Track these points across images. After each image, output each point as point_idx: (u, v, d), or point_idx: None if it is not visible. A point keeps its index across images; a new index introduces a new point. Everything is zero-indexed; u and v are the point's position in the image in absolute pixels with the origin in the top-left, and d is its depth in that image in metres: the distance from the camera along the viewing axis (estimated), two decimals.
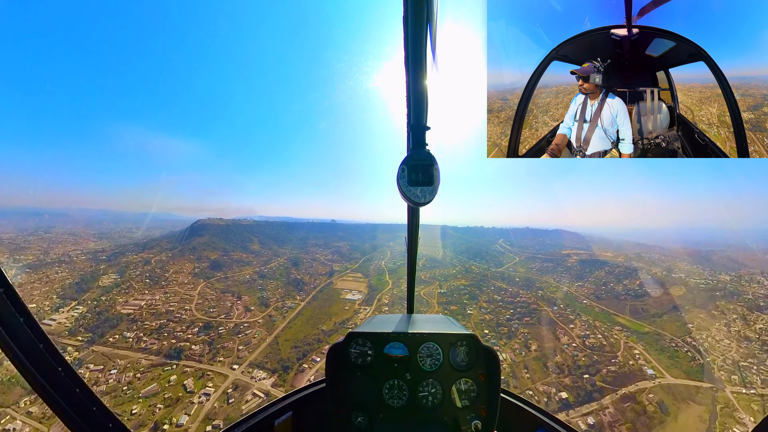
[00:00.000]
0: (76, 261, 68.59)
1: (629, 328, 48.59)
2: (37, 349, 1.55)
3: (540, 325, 49.06)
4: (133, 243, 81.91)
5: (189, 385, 35.32)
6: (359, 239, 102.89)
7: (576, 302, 57.95)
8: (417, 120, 1.71)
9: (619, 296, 59.79)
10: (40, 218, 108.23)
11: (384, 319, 3.31)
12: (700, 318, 50.73)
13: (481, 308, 57.03)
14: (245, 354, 42.01)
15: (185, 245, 77.56)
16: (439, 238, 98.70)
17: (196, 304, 53.02)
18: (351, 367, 2.55)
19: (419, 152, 1.84)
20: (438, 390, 2.46)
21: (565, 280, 69.48)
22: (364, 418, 2.44)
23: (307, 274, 71.93)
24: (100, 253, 73.86)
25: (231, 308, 52.91)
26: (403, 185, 1.84)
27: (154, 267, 67.22)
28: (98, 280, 61.37)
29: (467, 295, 62.52)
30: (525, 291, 63.13)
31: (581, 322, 50.10)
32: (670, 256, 78.29)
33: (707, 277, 62.68)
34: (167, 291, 57.45)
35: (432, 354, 2.52)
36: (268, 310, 54.85)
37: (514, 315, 53.20)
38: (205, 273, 66.25)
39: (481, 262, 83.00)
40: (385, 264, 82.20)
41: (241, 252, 79.83)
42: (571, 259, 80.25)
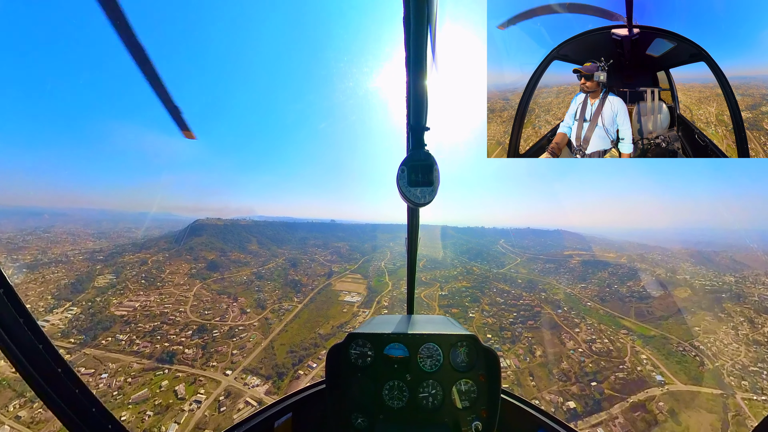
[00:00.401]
0: (73, 261, 67.96)
1: (635, 331, 47.40)
2: (37, 349, 1.54)
3: (544, 328, 47.54)
4: (131, 243, 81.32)
5: (180, 391, 34.14)
6: (359, 240, 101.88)
7: (580, 304, 56.72)
8: (417, 121, 1.72)
9: (624, 298, 58.75)
10: (40, 218, 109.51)
11: (384, 319, 3.30)
12: (706, 321, 49.90)
13: (483, 311, 55.36)
14: (239, 359, 40.77)
15: (183, 245, 77.20)
16: (440, 239, 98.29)
17: (191, 305, 51.78)
18: (351, 368, 2.55)
19: (419, 153, 1.85)
20: (438, 391, 2.45)
21: (568, 282, 68.52)
22: (364, 420, 2.43)
23: (306, 275, 70.50)
24: (97, 253, 73.26)
25: (226, 310, 51.59)
26: (402, 186, 1.85)
27: (151, 267, 66.55)
28: (94, 281, 61.23)
29: (469, 297, 61.00)
30: (528, 293, 61.66)
31: (586, 326, 48.65)
32: (672, 256, 77.92)
33: (712, 279, 61.60)
34: (162, 292, 56.47)
35: (432, 355, 2.51)
36: (265, 312, 53.39)
37: (517, 318, 51.46)
38: (202, 274, 65.21)
39: (483, 263, 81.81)
40: (384, 265, 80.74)
41: (239, 252, 78.83)
42: (574, 260, 79.81)
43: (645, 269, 71.58)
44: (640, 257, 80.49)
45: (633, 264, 73.08)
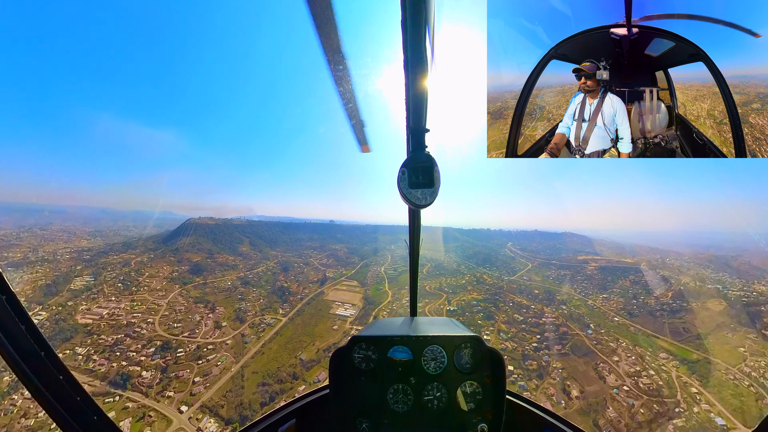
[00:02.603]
0: (60, 260, 63.77)
1: (675, 354, 40.64)
2: (38, 356, 1.53)
3: (575, 355, 40.09)
4: (121, 242, 77.22)
5: (125, 427, 28.07)
6: (358, 242, 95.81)
7: (606, 320, 49.79)
8: (416, 122, 1.72)
9: (654, 312, 52.16)
10: (40, 215, 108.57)
11: (387, 322, 3.29)
12: (750, 339, 43.50)
13: (500, 332, 46.68)
14: (200, 389, 34.29)
15: (169, 246, 72.47)
16: (445, 242, 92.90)
17: (162, 316, 45.76)
18: (355, 372, 2.53)
19: (419, 155, 1.84)
20: (443, 393, 2.44)
21: (588, 292, 61.96)
22: (369, 424, 2.41)
23: (296, 282, 63.95)
24: (85, 252, 69.14)
25: (199, 323, 45.33)
26: (403, 188, 1.84)
27: (132, 269, 62.13)
28: (71, 283, 57.17)
29: (481, 313, 53.17)
30: (548, 306, 54.35)
31: (624, 351, 41.35)
32: (690, 261, 71.65)
33: (742, 288, 54.93)
34: (135, 298, 50.93)
35: (436, 357, 2.49)
36: (242, 327, 46.71)
37: (541, 342, 43.33)
38: (184, 277, 59.56)
39: (492, 268, 75.13)
40: (384, 270, 73.97)
41: (228, 254, 73.16)
42: (590, 266, 74.35)
43: (669, 276, 65.78)
44: (661, 263, 74.07)
45: (655, 271, 67.90)
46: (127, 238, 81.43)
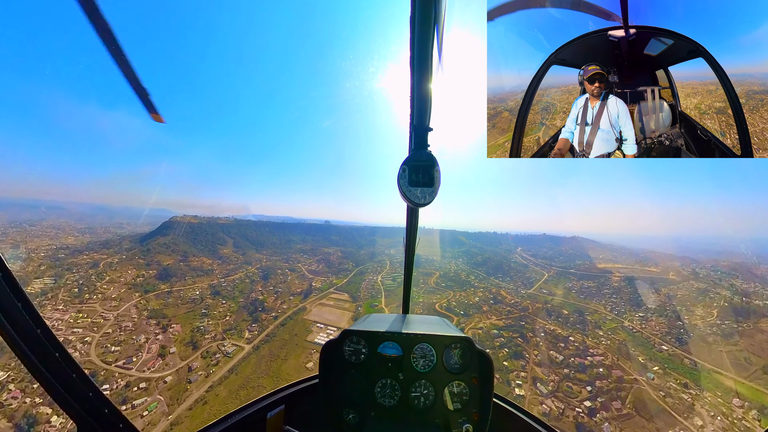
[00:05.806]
0: (33, 258, 58.12)
1: (749, 399, 31.50)
2: (35, 334, 1.55)
3: (641, 417, 29.08)
4: (104, 240, 72.21)
5: None
6: (355, 244, 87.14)
7: (654, 352, 40.42)
8: (420, 121, 1.72)
9: (706, 338, 43.01)
10: (35, 210, 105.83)
11: (379, 318, 3.23)
12: None
13: (536, 382, 34.50)
14: None
15: (143, 246, 64.96)
16: (451, 246, 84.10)
17: (104, 334, 37.37)
18: (344, 364, 2.54)
19: (421, 153, 1.83)
20: (430, 391, 2.44)
21: (621, 310, 52.72)
22: (355, 416, 2.42)
23: (274, 294, 55.06)
24: (62, 251, 63.26)
25: (141, 348, 36.77)
26: (403, 185, 1.83)
27: (96, 272, 54.99)
28: (28, 285, 49.89)
29: (506, 348, 41.38)
30: (588, 337, 43.82)
31: (701, 404, 31.10)
32: (719, 270, 61.66)
33: None
34: (84, 309, 42.88)
35: (426, 355, 2.49)
36: (194, 355, 37.38)
37: (593, 395, 31.75)
38: (147, 284, 51.50)
39: (506, 279, 65.97)
40: (381, 280, 64.89)
41: (206, 257, 65.04)
42: (614, 276, 65.65)
43: (705, 290, 56.92)
44: (693, 274, 64.72)
45: (688, 282, 58.60)
46: (114, 236, 76.55)
